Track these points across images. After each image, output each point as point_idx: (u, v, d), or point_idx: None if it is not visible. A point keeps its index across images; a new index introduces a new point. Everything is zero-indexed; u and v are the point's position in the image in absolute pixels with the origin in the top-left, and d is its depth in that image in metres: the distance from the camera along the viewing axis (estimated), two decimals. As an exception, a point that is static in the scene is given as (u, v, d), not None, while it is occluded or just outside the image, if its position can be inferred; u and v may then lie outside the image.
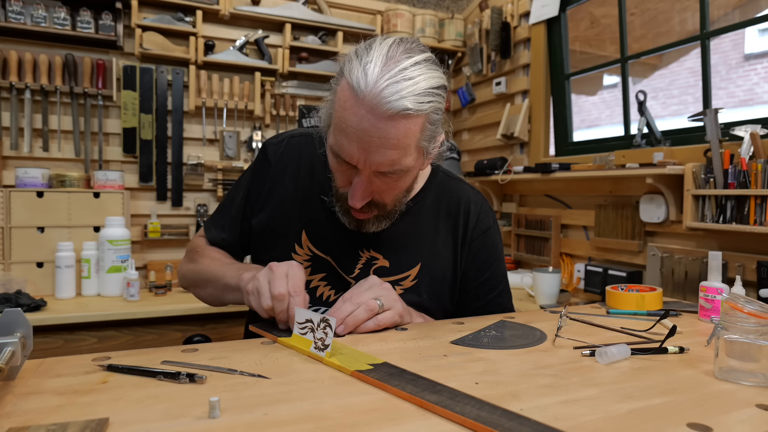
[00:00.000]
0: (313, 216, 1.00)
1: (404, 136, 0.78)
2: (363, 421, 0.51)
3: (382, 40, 0.80)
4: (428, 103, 0.78)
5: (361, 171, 0.82)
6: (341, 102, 0.78)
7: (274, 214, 1.02)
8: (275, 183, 1.03)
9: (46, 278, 2.08)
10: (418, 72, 0.76)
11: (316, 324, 0.71)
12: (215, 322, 2.08)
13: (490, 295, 1.06)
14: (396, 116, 0.75)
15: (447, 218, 1.04)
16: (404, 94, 0.74)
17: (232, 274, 0.94)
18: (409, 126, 0.77)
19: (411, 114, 0.76)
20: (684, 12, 4.18)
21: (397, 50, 0.77)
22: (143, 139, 2.40)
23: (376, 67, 0.75)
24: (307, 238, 1.00)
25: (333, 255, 0.99)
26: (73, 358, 0.68)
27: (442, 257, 1.03)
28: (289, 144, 1.05)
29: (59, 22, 2.20)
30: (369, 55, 0.77)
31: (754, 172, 1.46)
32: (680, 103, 7.63)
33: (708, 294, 0.96)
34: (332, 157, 0.85)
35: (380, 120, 0.75)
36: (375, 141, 0.77)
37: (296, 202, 1.02)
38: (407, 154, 0.81)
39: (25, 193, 2.06)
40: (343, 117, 0.78)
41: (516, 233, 2.51)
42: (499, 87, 2.64)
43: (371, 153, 0.78)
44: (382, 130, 0.76)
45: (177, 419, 0.50)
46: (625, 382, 0.62)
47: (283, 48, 2.60)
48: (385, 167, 0.80)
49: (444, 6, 3.01)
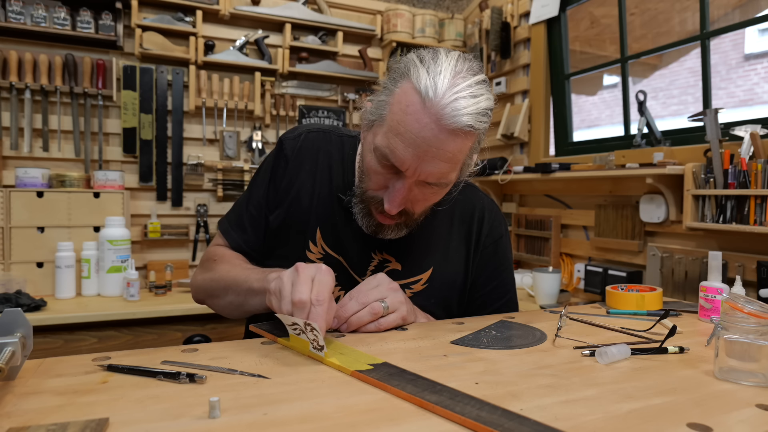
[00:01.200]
0: (329, 214, 0.99)
1: (459, 152, 0.79)
2: (363, 421, 0.51)
3: (448, 53, 0.80)
4: (484, 124, 0.79)
5: (406, 178, 0.82)
6: (403, 105, 0.78)
7: (291, 210, 1.00)
8: (293, 178, 1.01)
9: (46, 278, 2.09)
10: (481, 92, 0.78)
11: (302, 327, 0.70)
12: (215, 322, 2.08)
13: (498, 303, 1.06)
14: (458, 131, 0.76)
15: (461, 224, 1.04)
16: (469, 111, 0.76)
17: (257, 277, 0.87)
18: (466, 143, 0.79)
19: (471, 131, 0.77)
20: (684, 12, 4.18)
21: (464, 66, 0.79)
22: (143, 139, 2.40)
23: (446, 79, 0.76)
24: (321, 236, 0.98)
25: (345, 255, 0.98)
26: (73, 358, 0.68)
27: (454, 263, 1.02)
28: (306, 139, 1.03)
29: (59, 22, 2.20)
30: (437, 64, 0.77)
31: (754, 172, 1.46)
32: (680, 103, 7.63)
33: (708, 294, 0.96)
34: (377, 158, 0.83)
35: (443, 132, 0.76)
36: (432, 151, 0.77)
37: (313, 198, 1.00)
38: (455, 169, 0.82)
39: (25, 193, 2.06)
40: (404, 121, 0.78)
41: (516, 233, 2.51)
42: (499, 87, 2.64)
43: (425, 162, 0.79)
44: (442, 142, 0.77)
45: (177, 419, 0.50)
46: (625, 382, 0.62)
47: (283, 48, 2.60)
48: (433, 178, 0.81)
49: (444, 6, 3.01)
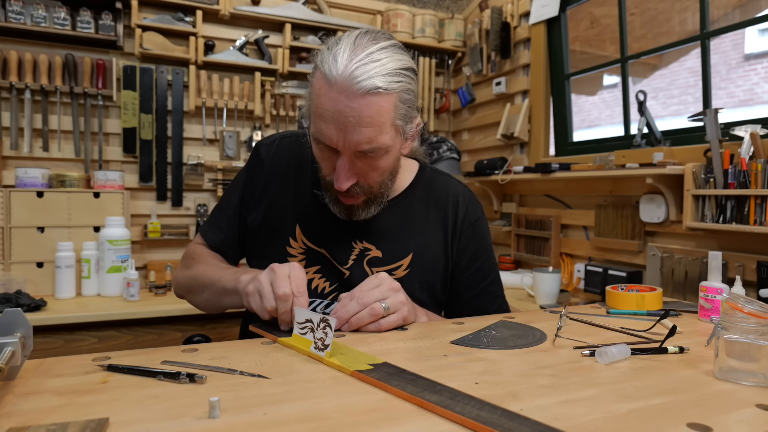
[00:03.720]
0: (307, 211, 1.04)
1: (377, 114, 0.82)
2: (363, 421, 0.51)
3: (350, 33, 0.86)
4: (397, 83, 0.83)
5: (342, 153, 0.86)
6: (317, 90, 0.84)
7: (269, 211, 1.06)
8: (269, 181, 1.07)
9: (46, 278, 2.08)
10: (385, 55, 0.82)
11: (316, 324, 0.71)
12: (215, 322, 2.08)
13: (483, 284, 1.10)
14: (367, 94, 0.80)
15: (436, 210, 1.07)
16: (372, 74, 0.80)
17: (230, 278, 0.94)
18: (381, 103, 0.82)
19: (381, 92, 0.81)
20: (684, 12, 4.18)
21: (364, 39, 0.84)
22: (143, 139, 2.40)
23: (345, 53, 0.81)
24: (301, 231, 1.03)
25: (327, 247, 1.02)
26: (73, 358, 0.68)
27: (433, 247, 1.06)
28: (280, 144, 1.10)
29: (59, 22, 2.20)
30: (338, 45, 0.83)
31: (754, 172, 1.46)
32: (680, 103, 7.62)
33: (708, 294, 0.96)
34: (315, 145, 0.90)
35: (353, 100, 0.80)
36: (351, 120, 0.81)
37: (289, 198, 1.05)
38: (383, 131, 0.84)
39: (25, 193, 2.06)
40: (319, 103, 0.83)
41: (516, 233, 2.51)
42: (499, 87, 2.64)
43: (348, 133, 0.82)
44: (355, 110, 0.80)
45: (177, 419, 0.50)
46: (625, 382, 0.62)
47: (283, 48, 2.60)
48: (364, 146, 0.84)
49: (444, 6, 3.01)
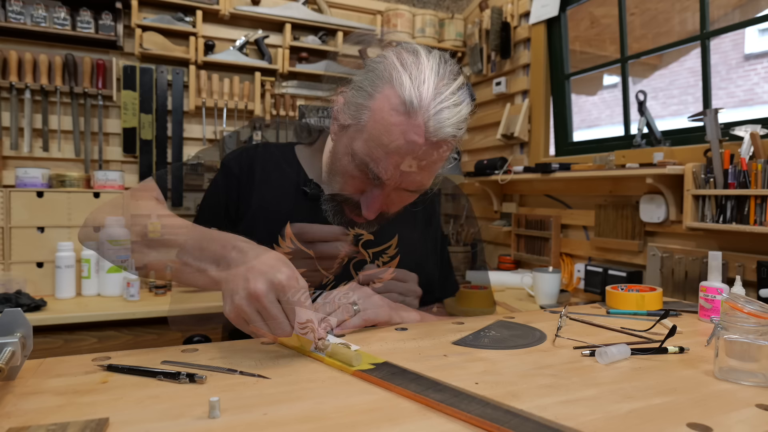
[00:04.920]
0: (295, 210, 0.97)
1: (441, 160, 0.79)
2: (363, 421, 0.51)
3: (428, 54, 0.78)
4: (464, 129, 0.79)
5: (386, 186, 0.80)
6: (386, 114, 0.74)
7: (255, 219, 0.99)
8: (247, 192, 1.00)
9: (46, 278, 2.08)
10: (462, 97, 0.77)
11: (317, 324, 0.71)
12: (215, 322, 2.08)
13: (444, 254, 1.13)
14: (441, 142, 0.75)
15: None
16: (453, 121, 0.75)
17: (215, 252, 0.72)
18: (447, 151, 0.79)
19: (453, 141, 0.77)
20: (684, 12, 4.18)
21: (446, 70, 0.77)
22: (143, 139, 2.40)
23: (430, 88, 0.73)
24: (291, 231, 0.97)
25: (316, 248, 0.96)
26: (73, 358, 0.68)
27: (419, 229, 1.06)
28: (248, 155, 1.03)
29: (59, 22, 2.20)
30: (420, 70, 0.75)
31: (754, 172, 1.46)
32: (680, 103, 7.62)
33: (708, 294, 0.96)
34: (355, 164, 0.80)
35: (428, 144, 0.74)
36: (414, 162, 0.76)
37: (273, 200, 0.99)
38: (434, 175, 0.82)
39: (25, 193, 2.06)
40: (388, 132, 0.74)
41: (516, 233, 2.51)
42: (499, 87, 2.64)
43: (407, 173, 0.77)
44: (427, 153, 0.75)
45: (177, 419, 0.50)
46: (625, 382, 0.62)
47: (283, 48, 2.60)
48: (414, 186, 0.80)
49: (444, 6, 3.01)
